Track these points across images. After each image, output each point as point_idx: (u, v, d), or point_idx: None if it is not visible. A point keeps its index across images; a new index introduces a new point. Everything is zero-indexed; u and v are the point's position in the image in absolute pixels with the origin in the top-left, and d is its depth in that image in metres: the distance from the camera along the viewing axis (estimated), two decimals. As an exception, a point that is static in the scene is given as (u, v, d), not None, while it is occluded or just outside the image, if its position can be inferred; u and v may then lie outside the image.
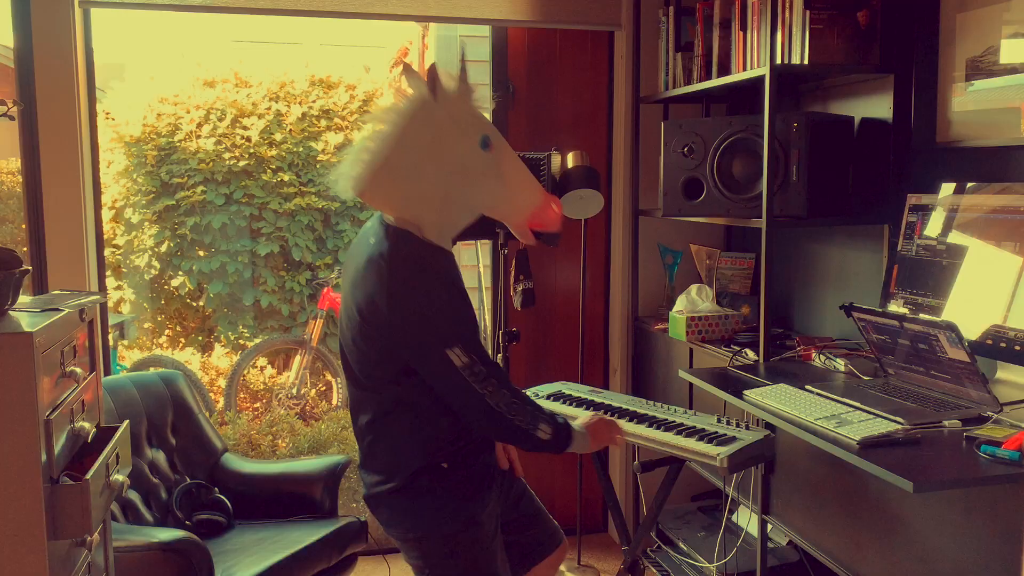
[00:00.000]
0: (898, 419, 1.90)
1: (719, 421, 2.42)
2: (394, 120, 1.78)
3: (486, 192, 1.86)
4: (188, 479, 3.06)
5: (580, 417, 2.07)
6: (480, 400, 1.78)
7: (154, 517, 2.89)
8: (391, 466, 1.91)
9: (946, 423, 1.89)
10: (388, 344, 1.80)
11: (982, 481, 1.62)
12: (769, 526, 2.63)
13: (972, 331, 2.09)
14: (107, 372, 3.28)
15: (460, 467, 1.90)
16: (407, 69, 1.87)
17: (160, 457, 3.04)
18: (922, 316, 2.06)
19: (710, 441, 2.28)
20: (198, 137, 5.40)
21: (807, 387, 2.22)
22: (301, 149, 5.44)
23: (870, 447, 1.78)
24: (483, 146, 1.82)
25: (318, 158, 5.43)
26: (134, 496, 2.86)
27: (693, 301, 3.16)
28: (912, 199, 2.41)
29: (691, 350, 3.06)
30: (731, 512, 3.11)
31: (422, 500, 1.89)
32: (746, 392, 2.23)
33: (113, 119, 5.59)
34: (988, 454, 1.70)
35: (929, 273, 2.31)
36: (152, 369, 4.65)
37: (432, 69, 1.77)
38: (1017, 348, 2.00)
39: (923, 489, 1.57)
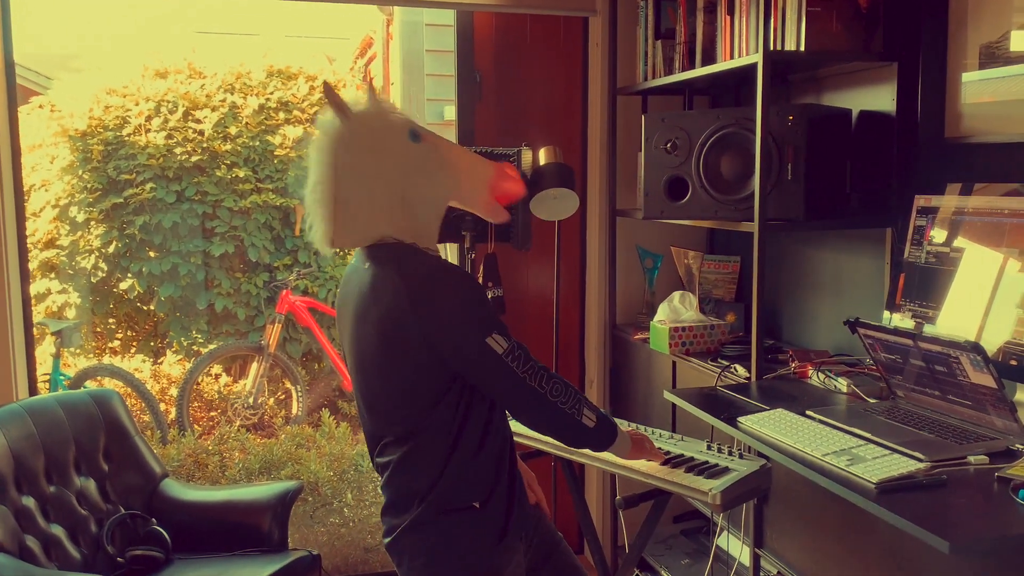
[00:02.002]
0: (917, 455, 1.66)
1: (709, 448, 2.17)
2: (321, 159, 1.68)
3: (438, 182, 1.74)
4: (122, 509, 2.77)
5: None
6: (523, 384, 1.67)
7: (82, 554, 2.60)
8: (416, 500, 1.72)
9: (971, 459, 1.66)
10: (422, 360, 1.65)
11: (1026, 538, 1.38)
12: (761, 558, 2.40)
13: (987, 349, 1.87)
14: (32, 388, 2.97)
15: (492, 509, 1.73)
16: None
17: (90, 486, 2.75)
18: (942, 335, 1.83)
19: (700, 473, 2.03)
20: (148, 131, 5.07)
21: (808, 413, 1.98)
22: (258, 143, 5.13)
23: (889, 492, 1.54)
24: (413, 139, 1.72)
25: (276, 153, 5.12)
26: (59, 531, 2.57)
27: (676, 309, 2.92)
28: (920, 200, 2.18)
29: (674, 363, 2.82)
30: (716, 534, 2.88)
31: (445, 545, 1.72)
32: (740, 420, 1.98)
33: (60, 111, 5.25)
34: (1028, 501, 1.46)
35: (940, 283, 2.08)
36: (87, 385, 4.34)
37: (327, 89, 1.67)
38: (1047, 371, 1.77)
39: (961, 550, 1.34)
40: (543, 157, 2.91)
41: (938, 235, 2.11)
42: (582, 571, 2.01)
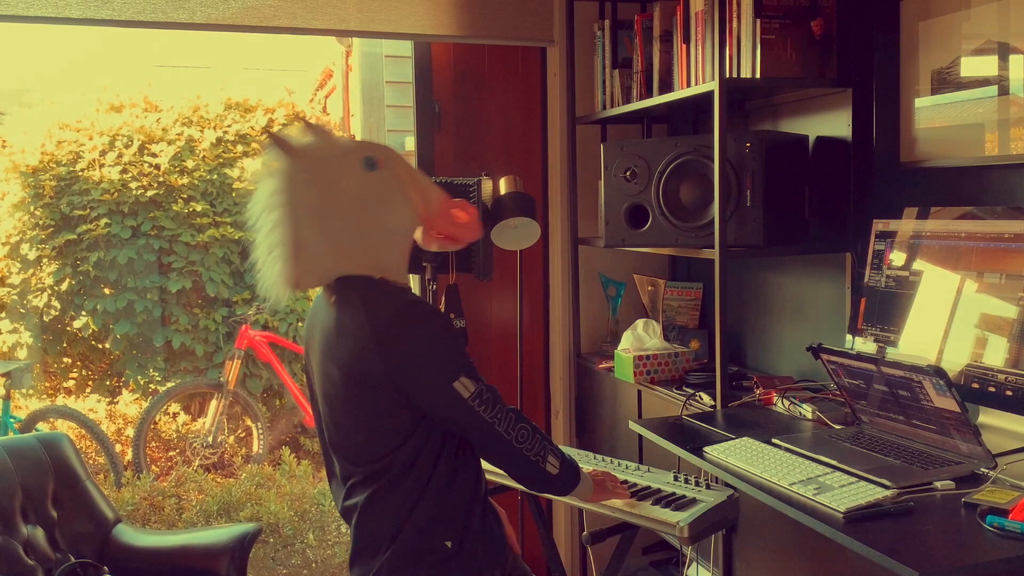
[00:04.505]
0: (884, 481, 1.64)
1: (676, 479, 2.14)
2: (274, 201, 1.60)
3: (396, 210, 1.65)
4: (72, 558, 2.66)
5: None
6: (490, 429, 1.63)
7: (29, 607, 2.49)
8: (385, 544, 1.64)
9: (938, 484, 1.65)
10: (388, 398, 1.59)
11: (996, 565, 1.36)
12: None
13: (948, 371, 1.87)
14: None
15: (468, 547, 1.66)
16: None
17: (38, 534, 2.64)
18: (905, 360, 1.82)
19: (667, 505, 2.00)
20: (102, 165, 4.98)
21: (774, 440, 1.96)
22: (215, 176, 5.06)
23: (857, 520, 1.52)
24: (369, 167, 1.63)
25: (234, 186, 5.05)
26: (4, 584, 2.46)
27: (640, 337, 2.90)
28: (879, 225, 2.18)
29: (639, 392, 2.79)
30: (686, 565, 2.84)
31: None
32: (707, 449, 1.95)
33: (11, 147, 5.14)
34: (996, 527, 1.45)
35: (901, 307, 2.08)
36: (39, 427, 4.21)
37: (271, 136, 1.61)
38: (1009, 393, 1.77)
39: (931, 580, 1.31)
40: (503, 186, 2.89)
41: (897, 259, 2.12)
42: None
